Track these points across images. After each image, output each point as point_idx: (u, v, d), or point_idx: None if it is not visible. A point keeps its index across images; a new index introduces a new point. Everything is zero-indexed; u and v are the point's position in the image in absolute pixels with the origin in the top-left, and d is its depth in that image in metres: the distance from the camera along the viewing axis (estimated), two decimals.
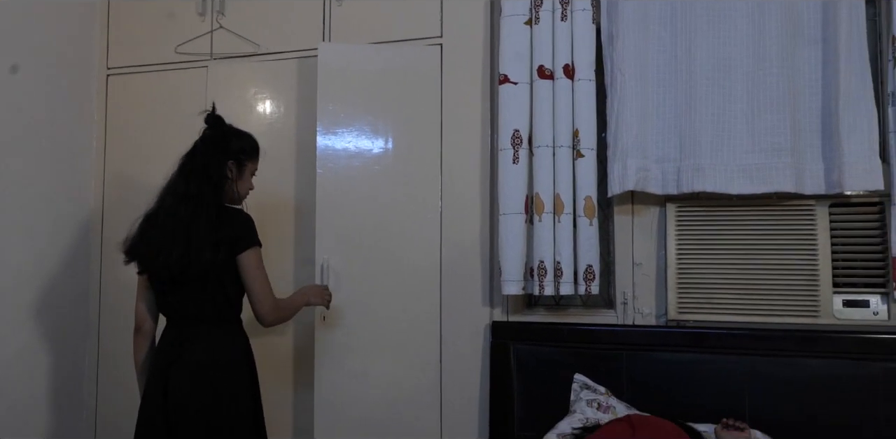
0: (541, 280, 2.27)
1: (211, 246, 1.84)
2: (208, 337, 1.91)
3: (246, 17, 2.76)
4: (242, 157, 2.03)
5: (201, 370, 1.87)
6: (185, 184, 1.93)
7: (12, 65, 2.18)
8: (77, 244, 2.83)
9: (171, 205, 1.91)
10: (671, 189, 2.28)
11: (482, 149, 2.50)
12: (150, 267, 1.93)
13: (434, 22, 2.56)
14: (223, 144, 2.00)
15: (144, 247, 1.92)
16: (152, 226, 1.93)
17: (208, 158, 1.96)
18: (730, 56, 2.25)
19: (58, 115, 2.76)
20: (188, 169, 1.96)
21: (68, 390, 2.76)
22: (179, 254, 1.84)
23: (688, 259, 2.30)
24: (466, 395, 2.41)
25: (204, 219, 1.86)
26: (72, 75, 2.83)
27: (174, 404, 1.85)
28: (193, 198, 1.89)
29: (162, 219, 1.91)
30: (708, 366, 2.15)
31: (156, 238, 1.89)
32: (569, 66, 2.33)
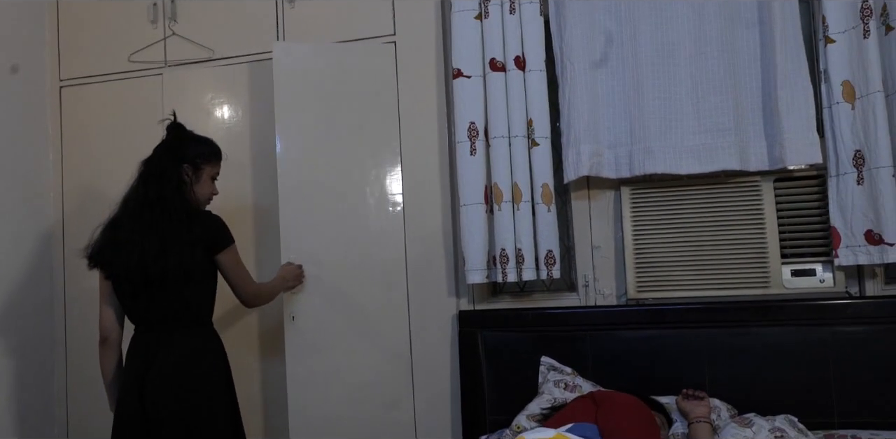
0: (503, 267, 2.33)
1: (187, 246, 1.88)
2: (182, 342, 1.92)
3: (198, 23, 2.77)
4: (199, 161, 2.05)
5: (178, 375, 1.88)
6: (145, 189, 1.96)
7: (12, 65, 2.18)
8: (39, 256, 2.82)
9: (134, 209, 1.94)
10: (624, 172, 2.35)
11: (440, 143, 2.55)
12: (120, 270, 1.92)
13: (387, 20, 2.60)
14: (179, 149, 2.04)
15: (112, 251, 1.93)
16: (118, 230, 1.94)
17: (164, 163, 2.00)
18: (672, 41, 2.32)
19: (12, 129, 2.74)
20: (147, 174, 2.00)
21: (38, 406, 2.75)
22: (154, 254, 1.85)
23: (644, 239, 2.38)
24: (438, 384, 2.46)
25: (175, 221, 1.89)
26: (24, 88, 2.81)
27: (152, 411, 1.86)
28: (157, 202, 1.92)
29: (128, 223, 1.93)
30: (668, 341, 2.22)
31: (124, 241, 1.90)
32: (520, 58, 2.38)
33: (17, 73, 2.78)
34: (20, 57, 2.80)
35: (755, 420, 1.92)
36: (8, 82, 2.74)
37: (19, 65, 2.79)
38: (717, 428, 1.92)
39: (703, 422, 1.88)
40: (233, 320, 2.61)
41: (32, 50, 2.87)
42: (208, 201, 2.12)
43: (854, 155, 2.13)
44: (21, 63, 2.81)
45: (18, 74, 2.79)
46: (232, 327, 2.59)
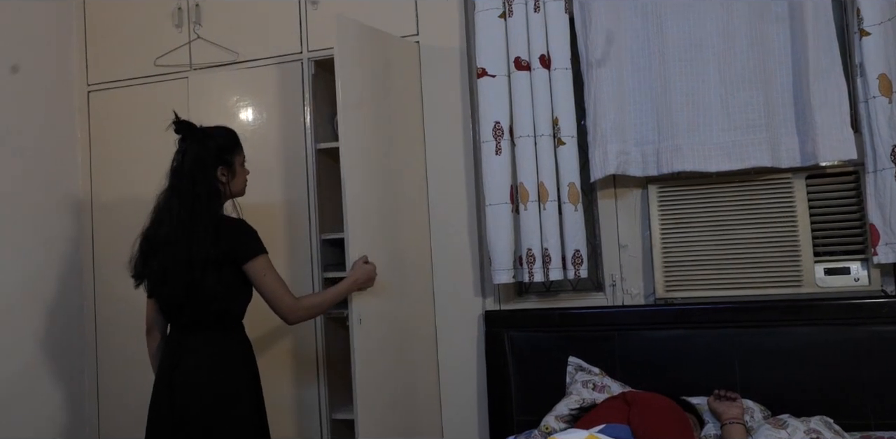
0: (530, 267, 2.31)
1: (213, 268, 1.87)
2: (206, 345, 1.95)
3: (223, 26, 2.79)
4: (228, 157, 2.02)
5: (201, 374, 1.92)
6: (179, 205, 1.92)
7: (12, 66, 2.20)
8: (68, 258, 2.86)
9: (168, 229, 1.92)
10: (651, 170, 2.32)
11: (465, 142, 2.54)
12: (157, 292, 1.98)
13: (410, 20, 2.60)
14: (204, 154, 1.97)
15: (150, 274, 1.96)
16: (154, 250, 1.94)
17: (195, 174, 1.94)
18: (700, 37, 2.29)
19: (42, 133, 2.79)
20: (178, 188, 1.94)
21: (70, 408, 2.79)
22: (185, 283, 1.87)
23: (672, 238, 2.35)
24: (465, 384, 2.46)
25: (202, 243, 1.87)
26: (53, 94, 2.86)
27: (179, 406, 1.90)
28: (186, 222, 1.89)
29: (161, 245, 1.92)
30: (697, 341, 2.19)
31: (159, 265, 1.92)
32: (545, 57, 2.37)
33: (45, 78, 2.82)
34: (48, 62, 2.85)
35: (790, 421, 1.88)
36: (38, 87, 2.78)
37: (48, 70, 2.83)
38: (750, 430, 1.89)
39: (736, 424, 1.85)
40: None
41: (61, 55, 2.92)
42: (244, 188, 2.11)
43: (892, 150, 2.08)
44: (49, 68, 2.85)
45: (47, 79, 2.83)
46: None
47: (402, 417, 2.35)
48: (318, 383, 2.54)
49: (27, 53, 2.75)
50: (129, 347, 2.80)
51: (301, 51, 2.69)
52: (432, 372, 2.48)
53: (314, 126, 2.64)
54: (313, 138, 2.64)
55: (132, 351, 2.79)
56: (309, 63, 2.67)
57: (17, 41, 2.71)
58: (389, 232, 2.42)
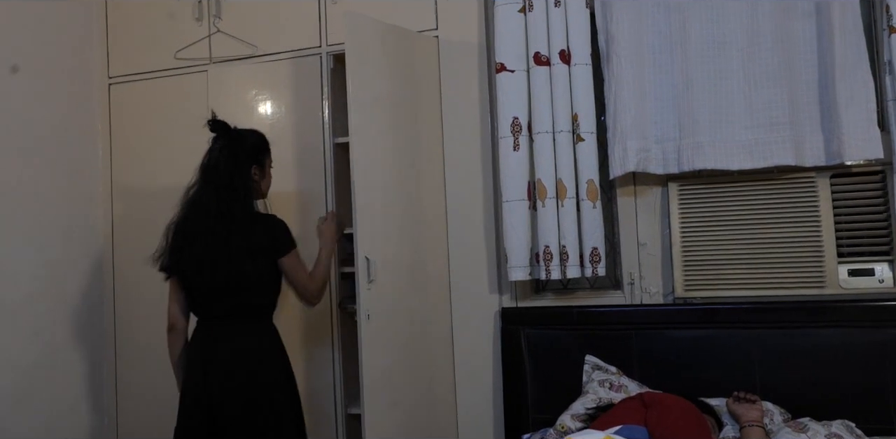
0: (547, 265, 2.29)
1: (250, 256, 1.97)
2: (243, 337, 2.01)
3: (243, 20, 2.79)
4: (261, 158, 2.13)
5: (239, 367, 1.97)
6: (216, 200, 1.99)
7: (12, 65, 2.22)
8: (88, 251, 2.88)
9: (204, 221, 1.99)
10: (672, 168, 2.29)
11: (483, 138, 2.53)
12: (189, 276, 2.02)
13: (429, 14, 2.58)
14: (239, 152, 2.06)
15: (186, 264, 2.01)
16: (188, 242, 2.00)
17: (231, 170, 2.02)
18: (724, 33, 2.26)
19: (63, 125, 2.81)
20: (215, 183, 2.01)
21: (88, 398, 2.82)
22: (224, 272, 1.96)
23: (692, 236, 2.32)
24: (480, 381, 2.45)
25: (239, 232, 1.97)
26: (74, 86, 2.88)
27: (217, 397, 1.95)
28: (226, 214, 1.98)
29: (199, 236, 1.98)
30: (717, 342, 2.17)
31: (196, 256, 1.98)
32: (565, 52, 2.34)
33: (67, 70, 2.84)
34: (70, 54, 2.86)
35: (810, 425, 1.86)
36: (59, 80, 2.80)
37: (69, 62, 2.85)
38: (770, 433, 1.86)
39: (755, 426, 1.82)
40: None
41: (82, 48, 2.93)
42: (269, 187, 2.21)
43: None
44: (71, 60, 2.87)
45: (69, 71, 2.85)
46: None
47: (416, 414, 2.35)
48: (333, 377, 2.54)
49: (49, 46, 2.77)
50: (148, 338, 2.82)
51: (320, 45, 2.69)
52: (447, 370, 2.48)
53: (332, 120, 2.64)
54: (331, 132, 2.64)
55: (151, 342, 2.80)
56: (328, 57, 2.67)
57: (40, 34, 2.73)
58: (404, 228, 2.41)
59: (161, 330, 2.77)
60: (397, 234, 2.37)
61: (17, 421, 2.48)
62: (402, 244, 2.38)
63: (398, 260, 2.34)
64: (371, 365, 2.15)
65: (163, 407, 2.75)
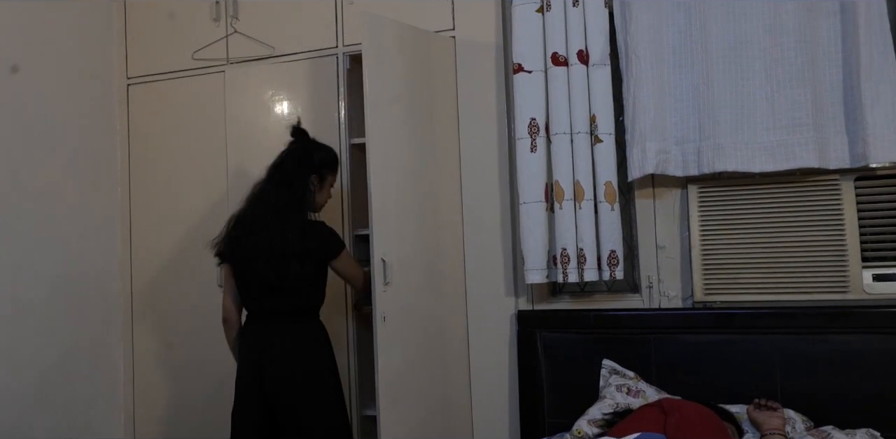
0: (564, 267, 2.27)
1: (301, 257, 2.08)
2: (294, 332, 2.15)
3: (259, 21, 2.79)
4: (324, 171, 2.24)
5: (292, 360, 2.11)
6: (276, 195, 2.14)
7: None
8: (106, 252, 2.90)
9: (262, 215, 2.14)
10: (692, 170, 2.26)
11: (500, 139, 2.51)
12: (244, 276, 2.16)
13: (446, 14, 2.57)
14: (307, 158, 2.20)
15: (239, 253, 2.15)
16: (245, 232, 2.15)
17: (293, 172, 2.17)
18: (745, 32, 2.22)
19: (83, 125, 2.83)
20: (276, 180, 2.17)
21: (105, 397, 2.84)
22: (274, 270, 2.08)
23: (712, 240, 2.29)
24: (496, 384, 2.43)
25: (292, 233, 2.09)
26: (93, 86, 2.90)
27: (271, 389, 2.10)
28: (282, 210, 2.12)
29: (255, 229, 2.13)
30: (737, 347, 2.13)
31: (249, 248, 2.12)
32: (583, 52, 2.31)
33: (86, 70, 2.86)
34: (89, 55, 2.88)
35: (834, 433, 1.82)
36: (78, 80, 2.82)
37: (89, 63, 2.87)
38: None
39: (776, 435, 1.79)
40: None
41: (101, 49, 2.95)
42: (323, 206, 2.30)
43: None
44: (90, 61, 2.89)
45: (88, 72, 2.86)
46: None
47: (432, 417, 2.34)
48: (348, 379, 2.54)
49: (69, 47, 2.79)
50: (164, 337, 2.85)
51: (336, 45, 2.68)
52: (463, 373, 2.46)
53: (349, 120, 2.64)
54: (347, 133, 2.63)
55: (168, 342, 2.85)
56: (344, 57, 2.66)
57: (60, 35, 2.75)
58: (420, 229, 2.39)
59: (178, 331, 2.83)
60: (413, 236, 2.35)
61: (36, 420, 2.50)
62: (418, 245, 2.37)
63: (414, 261, 2.32)
64: (386, 366, 2.14)
65: (179, 406, 2.79)
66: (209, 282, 2.71)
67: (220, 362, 2.44)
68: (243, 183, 2.71)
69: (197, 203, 2.82)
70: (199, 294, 2.74)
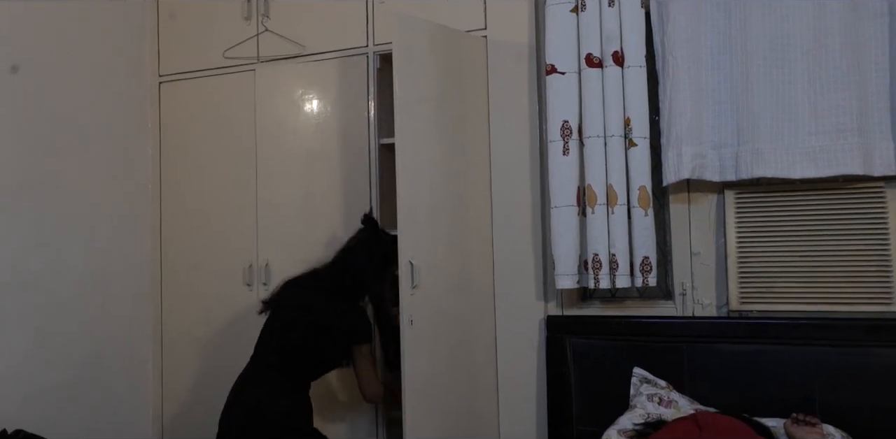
0: (596, 273, 2.23)
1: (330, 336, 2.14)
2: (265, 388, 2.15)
3: (290, 19, 2.78)
4: (389, 266, 2.24)
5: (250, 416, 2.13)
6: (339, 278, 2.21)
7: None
8: (137, 249, 2.92)
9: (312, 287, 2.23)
10: (729, 175, 2.21)
11: (531, 142, 2.47)
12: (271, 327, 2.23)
13: (478, 14, 2.53)
14: (375, 250, 2.24)
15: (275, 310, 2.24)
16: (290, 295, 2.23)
17: (360, 262, 2.22)
18: (788, 34, 2.15)
19: (114, 124, 2.85)
20: (340, 265, 2.23)
21: (134, 393, 2.86)
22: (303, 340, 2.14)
23: (749, 247, 2.23)
24: (523, 390, 2.40)
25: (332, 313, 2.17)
26: (126, 84, 2.92)
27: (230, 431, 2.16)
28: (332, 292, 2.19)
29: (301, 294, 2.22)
30: (774, 358, 2.07)
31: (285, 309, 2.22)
32: (618, 53, 2.26)
33: (119, 69, 2.88)
34: (121, 53, 2.90)
35: None
36: (111, 79, 2.84)
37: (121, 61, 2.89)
38: None
39: None
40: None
41: (134, 47, 2.97)
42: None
43: None
44: (122, 59, 2.90)
45: (120, 70, 2.88)
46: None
47: (458, 421, 2.31)
48: None
49: (102, 46, 2.81)
50: (193, 334, 2.87)
51: (367, 44, 2.66)
52: (490, 377, 2.44)
53: (377, 120, 2.62)
54: (376, 133, 2.61)
55: (196, 338, 2.86)
56: (374, 57, 2.64)
57: (93, 34, 2.76)
58: (448, 232, 2.37)
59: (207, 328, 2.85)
60: (442, 238, 2.33)
61: (67, 416, 2.53)
62: (446, 248, 2.34)
63: (442, 264, 2.30)
64: (413, 370, 2.12)
65: (206, 404, 2.79)
66: (238, 281, 2.72)
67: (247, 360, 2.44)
68: (272, 179, 2.73)
69: (226, 200, 2.83)
70: (228, 292, 2.75)
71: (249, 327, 2.36)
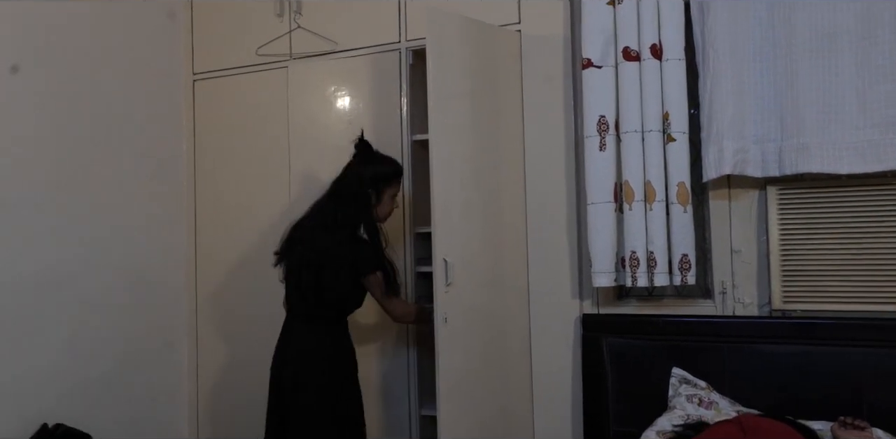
0: (633, 271, 2.19)
1: (334, 270, 2.14)
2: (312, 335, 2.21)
3: (322, 16, 2.77)
4: (381, 185, 2.23)
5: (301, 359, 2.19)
6: (329, 209, 2.20)
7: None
8: (172, 244, 2.95)
9: (313, 227, 2.21)
10: (772, 171, 2.14)
11: (566, 137, 2.43)
12: (288, 277, 2.26)
13: (511, 8, 2.50)
14: (363, 173, 2.21)
15: (290, 259, 2.24)
16: (297, 240, 2.23)
17: (350, 187, 2.20)
18: (835, 24, 2.08)
19: (150, 122, 2.88)
20: (333, 194, 2.23)
21: (169, 386, 2.90)
22: (311, 275, 2.15)
23: (792, 244, 2.16)
24: (558, 390, 2.37)
25: (338, 244, 2.16)
26: (161, 82, 2.95)
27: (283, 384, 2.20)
28: (331, 225, 2.18)
29: (306, 238, 2.21)
30: (819, 359, 2.02)
31: (297, 254, 2.21)
32: (656, 46, 2.21)
33: (154, 67, 2.90)
34: (157, 52, 2.93)
35: None
36: (147, 78, 2.87)
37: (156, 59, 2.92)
38: None
39: None
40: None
41: (169, 45, 2.99)
42: (388, 217, 2.29)
43: None
44: (158, 58, 2.93)
45: (156, 68, 2.91)
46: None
47: (492, 420, 2.29)
48: (407, 378, 2.52)
49: (138, 45, 2.83)
50: (227, 328, 2.89)
51: (399, 40, 2.64)
52: (525, 376, 2.41)
53: (410, 117, 2.60)
54: (409, 129, 2.60)
55: (230, 332, 2.89)
56: (407, 52, 2.62)
57: (129, 33, 2.79)
58: (483, 228, 2.34)
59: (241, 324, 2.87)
60: (476, 235, 2.30)
61: (104, 410, 2.57)
62: (480, 246, 2.32)
63: (476, 262, 2.27)
64: (447, 368, 2.10)
65: (241, 399, 2.83)
66: (272, 276, 2.71)
67: None
68: (305, 177, 2.73)
69: (260, 196, 2.84)
70: (263, 287, 2.75)
71: (283, 321, 2.38)
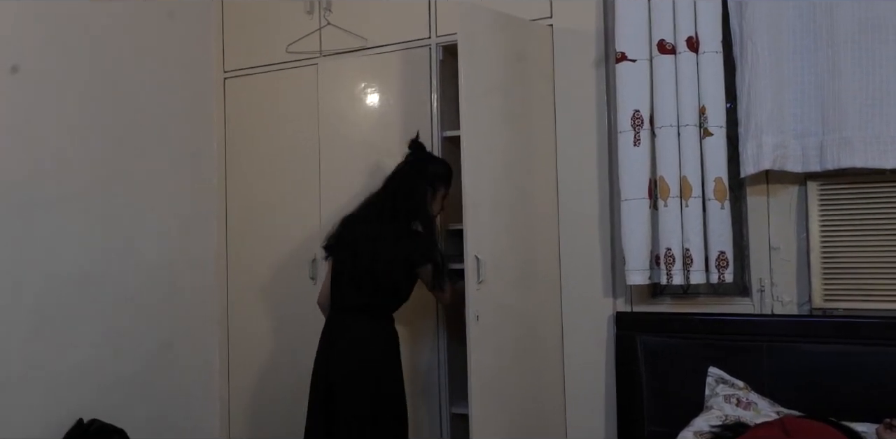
0: (668, 268, 2.15)
1: (388, 262, 2.20)
2: (362, 328, 2.25)
3: (352, 12, 2.77)
4: (437, 183, 2.31)
5: (353, 350, 2.23)
6: (384, 204, 2.26)
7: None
8: (203, 243, 2.97)
9: (368, 219, 2.28)
10: (813, 166, 2.09)
11: (599, 132, 2.39)
12: (338, 270, 2.30)
13: (543, 2, 2.47)
14: (420, 173, 2.29)
15: (339, 249, 2.30)
16: (348, 232, 2.30)
17: (407, 182, 2.27)
18: (879, 15, 2.02)
19: (182, 118, 2.90)
20: (390, 189, 2.29)
21: (201, 385, 2.93)
22: (366, 266, 2.21)
23: (834, 241, 2.11)
24: (591, 388, 2.34)
25: (394, 238, 2.22)
26: (192, 80, 2.97)
27: (333, 377, 2.22)
28: (387, 217, 2.24)
29: (360, 231, 2.27)
30: (862, 359, 1.96)
31: (349, 246, 2.27)
32: (692, 39, 2.17)
33: (185, 65, 2.93)
34: (188, 50, 2.95)
35: None
36: (178, 76, 2.89)
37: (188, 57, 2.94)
38: None
39: None
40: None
41: (200, 43, 3.01)
42: (436, 216, 2.34)
43: None
44: (189, 56, 2.95)
45: (187, 66, 2.93)
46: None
47: (524, 418, 2.27)
48: (438, 376, 2.51)
49: (170, 43, 2.86)
50: (259, 327, 2.91)
51: (429, 36, 2.63)
52: (557, 374, 2.38)
53: (441, 113, 2.59)
54: (440, 125, 2.58)
55: (262, 331, 2.90)
56: (437, 48, 2.61)
57: (161, 32, 2.82)
58: (514, 226, 2.32)
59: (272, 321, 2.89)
60: (507, 233, 2.28)
61: (136, 406, 2.59)
62: (512, 243, 2.29)
63: (508, 259, 2.26)
64: (479, 366, 2.09)
65: (272, 396, 2.84)
66: (303, 273, 2.73)
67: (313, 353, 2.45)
68: (336, 173, 2.73)
69: (290, 193, 2.85)
70: (294, 284, 2.77)
71: (314, 319, 2.39)
